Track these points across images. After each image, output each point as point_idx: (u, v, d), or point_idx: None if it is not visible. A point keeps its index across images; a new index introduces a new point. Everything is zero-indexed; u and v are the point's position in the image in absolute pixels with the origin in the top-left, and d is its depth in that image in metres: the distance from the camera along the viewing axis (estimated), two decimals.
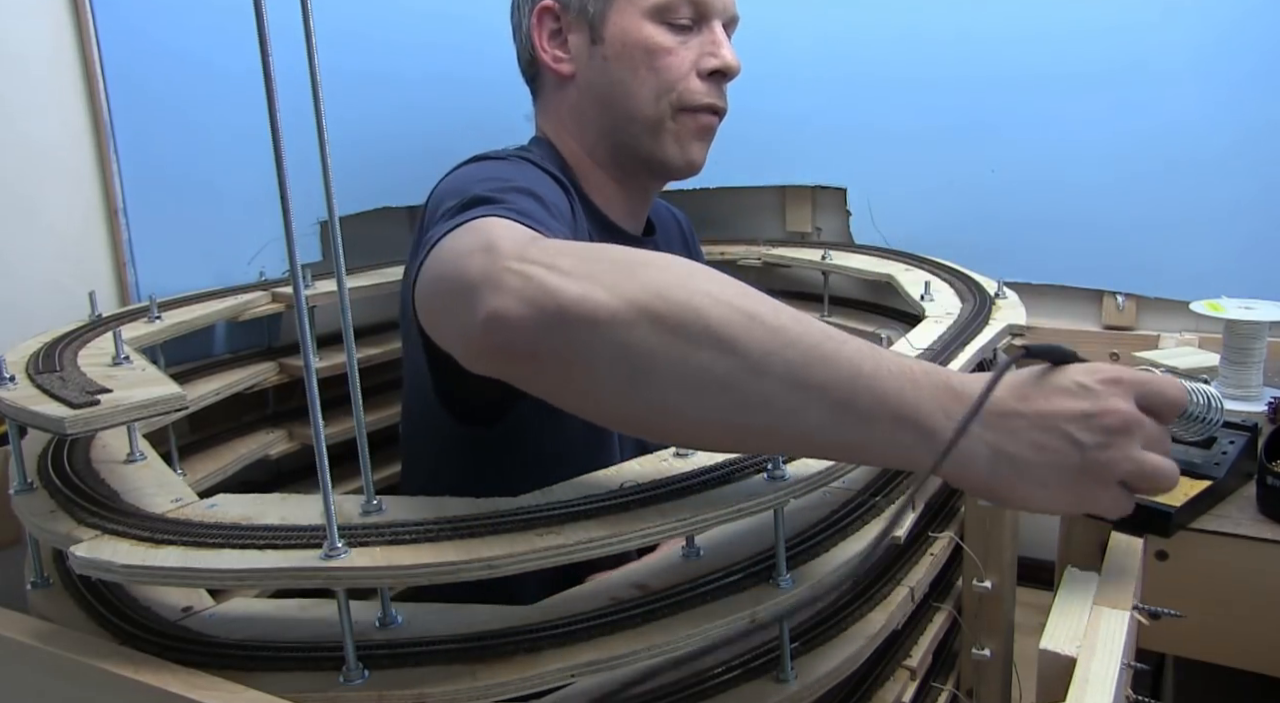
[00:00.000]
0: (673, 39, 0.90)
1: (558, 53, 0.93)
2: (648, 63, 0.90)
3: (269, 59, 0.46)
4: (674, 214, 1.15)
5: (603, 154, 0.95)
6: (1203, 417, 0.80)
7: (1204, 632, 0.75)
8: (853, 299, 1.38)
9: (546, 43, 0.93)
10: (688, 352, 0.49)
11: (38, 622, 0.63)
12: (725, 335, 0.50)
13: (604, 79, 0.91)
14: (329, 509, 0.52)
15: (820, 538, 0.66)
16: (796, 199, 1.47)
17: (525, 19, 0.94)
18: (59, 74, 1.03)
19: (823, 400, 0.51)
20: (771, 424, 0.51)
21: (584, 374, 0.51)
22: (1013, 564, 0.90)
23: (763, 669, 0.63)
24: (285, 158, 0.46)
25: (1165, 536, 0.75)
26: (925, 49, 1.32)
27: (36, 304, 1.00)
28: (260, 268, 1.22)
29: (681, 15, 0.90)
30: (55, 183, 1.04)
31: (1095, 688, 0.54)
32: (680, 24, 0.90)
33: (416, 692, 0.53)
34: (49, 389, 0.70)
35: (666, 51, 0.89)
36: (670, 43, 0.90)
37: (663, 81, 0.90)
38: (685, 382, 0.50)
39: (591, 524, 0.56)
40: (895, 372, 0.52)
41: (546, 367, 0.52)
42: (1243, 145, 1.19)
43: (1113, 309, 1.29)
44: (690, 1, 0.90)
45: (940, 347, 0.89)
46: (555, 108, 0.96)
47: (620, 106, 0.92)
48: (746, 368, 0.50)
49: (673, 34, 0.90)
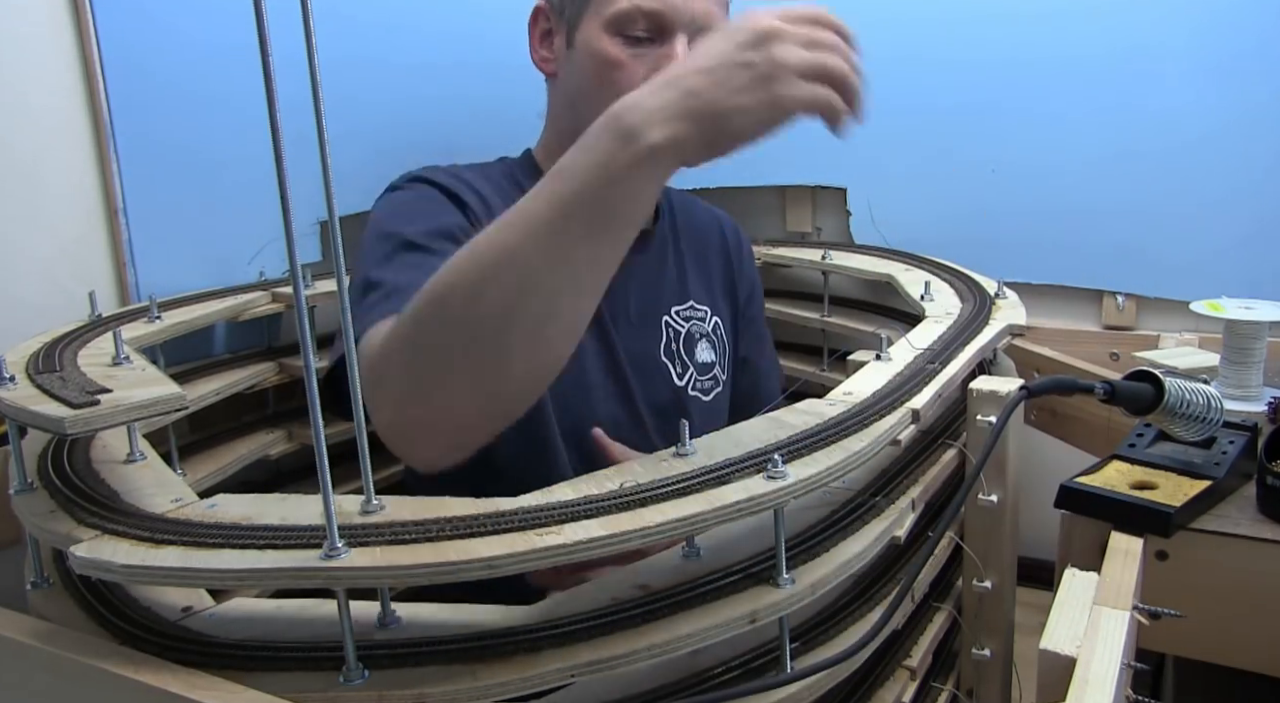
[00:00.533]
0: (626, 52, 0.89)
1: (544, 53, 0.97)
2: (601, 75, 0.90)
3: (269, 59, 0.46)
4: (718, 218, 1.14)
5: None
6: (1203, 417, 0.80)
7: (1204, 632, 0.75)
8: (853, 299, 1.38)
9: (538, 42, 0.97)
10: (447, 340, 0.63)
11: (38, 622, 0.63)
12: (444, 309, 0.63)
13: (572, 84, 0.94)
14: (329, 509, 0.52)
15: (820, 538, 0.66)
16: (796, 199, 1.47)
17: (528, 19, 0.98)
18: (59, 73, 1.03)
19: (547, 227, 0.61)
20: (537, 286, 0.61)
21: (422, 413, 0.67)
22: (1013, 564, 0.90)
23: (763, 669, 0.63)
24: (285, 158, 0.46)
25: (1165, 536, 0.75)
26: (925, 49, 1.32)
27: (36, 304, 1.00)
28: (260, 268, 1.22)
29: (638, 28, 0.89)
30: (55, 183, 1.04)
31: (1095, 688, 0.54)
32: (637, 36, 0.89)
33: (416, 692, 0.53)
34: (49, 389, 0.70)
35: (616, 65, 0.89)
36: (622, 56, 0.89)
37: (612, 96, 0.87)
38: (464, 350, 0.63)
39: (591, 524, 0.56)
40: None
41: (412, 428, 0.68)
42: (1244, 145, 1.19)
43: (1113, 309, 1.29)
44: (646, 14, 0.88)
45: (940, 346, 0.89)
46: (550, 104, 1.01)
47: (580, 113, 0.91)
48: (471, 291, 0.62)
49: (628, 47, 0.89)
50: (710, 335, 1.06)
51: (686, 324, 1.03)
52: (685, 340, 1.03)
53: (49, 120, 1.03)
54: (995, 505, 0.86)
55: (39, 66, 1.02)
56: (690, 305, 1.05)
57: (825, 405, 0.73)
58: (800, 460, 0.63)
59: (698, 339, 1.04)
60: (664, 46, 0.89)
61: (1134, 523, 0.75)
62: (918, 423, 0.74)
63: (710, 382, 1.05)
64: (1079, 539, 0.78)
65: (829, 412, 0.71)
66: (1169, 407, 0.78)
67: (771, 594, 0.60)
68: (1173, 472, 0.81)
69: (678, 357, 1.02)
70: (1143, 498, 0.76)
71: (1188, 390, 0.79)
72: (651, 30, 0.89)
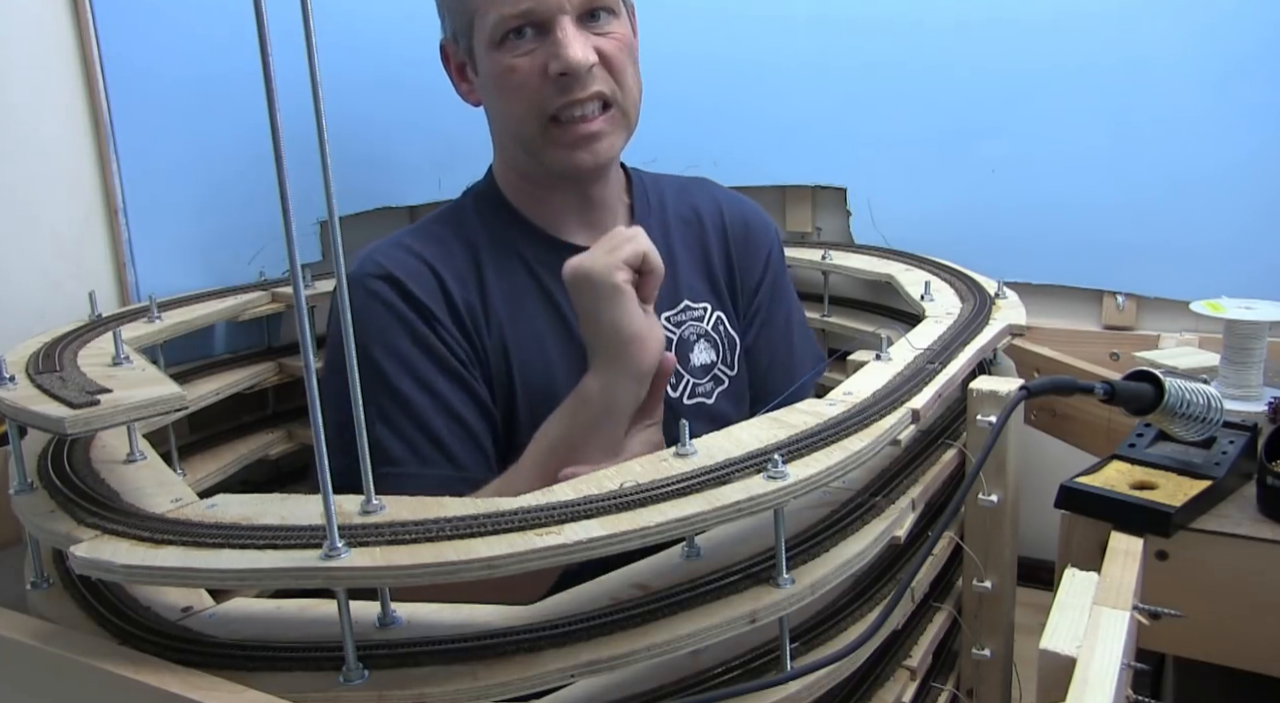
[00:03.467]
0: (514, 57, 0.89)
1: (464, 87, 0.98)
2: (503, 88, 0.91)
3: (269, 59, 0.46)
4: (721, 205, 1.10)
5: (522, 167, 0.97)
6: (1203, 417, 0.80)
7: (1204, 632, 0.75)
8: (853, 299, 1.38)
9: (457, 78, 0.98)
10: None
11: (38, 622, 0.63)
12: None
13: (492, 108, 0.96)
14: (329, 509, 0.52)
15: (820, 538, 0.66)
16: (796, 199, 1.47)
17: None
18: (59, 74, 1.03)
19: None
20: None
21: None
22: (1013, 564, 0.90)
23: (763, 669, 0.63)
24: (285, 158, 0.46)
25: (1165, 535, 0.75)
26: (925, 49, 1.32)
27: (36, 304, 1.00)
28: (260, 268, 1.22)
29: (520, 34, 0.89)
30: (55, 183, 1.04)
31: (1095, 688, 0.54)
32: (521, 42, 0.89)
33: (416, 692, 0.53)
34: (49, 389, 0.70)
35: (510, 71, 0.89)
36: (513, 62, 0.89)
37: (523, 100, 0.90)
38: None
39: (591, 524, 0.56)
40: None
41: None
42: (1244, 145, 1.19)
43: (1113, 309, 1.29)
44: (520, 16, 0.88)
45: (940, 346, 0.89)
46: (490, 131, 1.00)
47: (508, 131, 0.95)
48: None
49: (515, 53, 0.89)
50: (710, 333, 1.03)
51: (679, 329, 1.01)
52: (679, 347, 1.00)
53: (49, 121, 1.03)
54: (995, 505, 0.86)
55: (39, 67, 1.02)
56: (684, 306, 1.02)
57: (825, 405, 0.73)
58: (800, 460, 0.63)
59: (693, 342, 1.02)
60: (550, 37, 0.89)
61: (1134, 523, 0.75)
62: (918, 423, 0.74)
63: (710, 383, 1.02)
64: (1079, 539, 0.78)
65: (829, 412, 0.71)
66: (1169, 407, 0.78)
67: (771, 594, 0.60)
68: (1173, 472, 0.81)
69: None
70: (1143, 498, 0.76)
71: (1188, 390, 0.79)
72: (534, 28, 0.89)
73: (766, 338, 1.09)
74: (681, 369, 1.00)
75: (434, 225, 0.98)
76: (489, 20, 0.89)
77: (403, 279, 0.89)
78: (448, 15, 0.96)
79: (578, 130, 0.91)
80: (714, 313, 1.04)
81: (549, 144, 0.92)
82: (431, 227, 0.98)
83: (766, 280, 1.10)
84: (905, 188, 1.39)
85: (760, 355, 1.08)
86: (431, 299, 0.90)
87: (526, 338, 0.93)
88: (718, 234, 1.08)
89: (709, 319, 1.04)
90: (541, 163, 0.94)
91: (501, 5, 0.88)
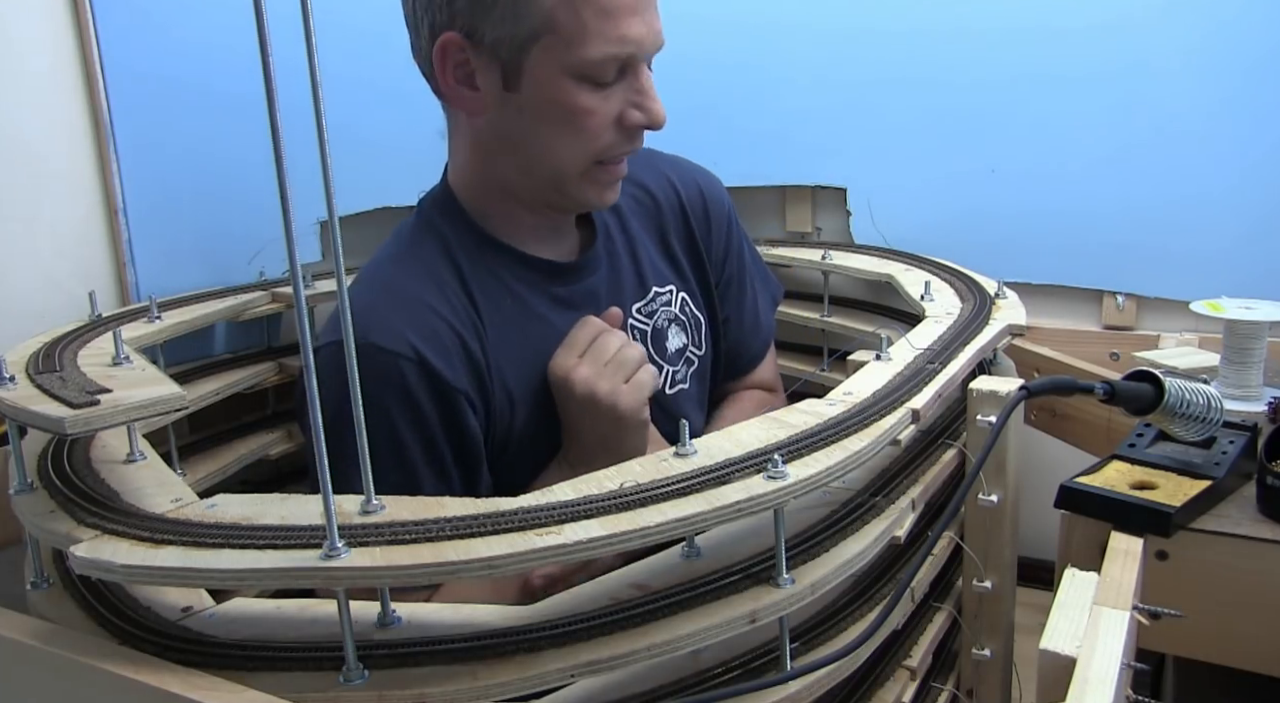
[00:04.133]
0: (595, 98, 0.82)
1: (465, 91, 0.85)
2: (569, 123, 0.83)
3: (269, 59, 0.46)
4: (671, 180, 1.05)
5: (514, 189, 0.90)
6: (1203, 417, 0.80)
7: (1204, 632, 0.75)
8: (853, 299, 1.38)
9: (451, 77, 0.84)
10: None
11: (38, 622, 0.63)
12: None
13: (517, 129, 0.85)
14: (329, 509, 0.52)
15: (820, 538, 0.66)
16: (796, 199, 1.47)
17: (425, 41, 0.85)
18: (59, 74, 1.03)
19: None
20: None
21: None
22: (1013, 564, 0.90)
23: (763, 669, 0.63)
24: (285, 158, 0.46)
25: (1165, 535, 0.75)
26: (925, 48, 1.32)
27: (36, 304, 1.00)
28: (260, 268, 1.22)
29: (609, 73, 0.82)
30: (55, 183, 1.04)
31: (1095, 688, 0.54)
32: (606, 83, 0.83)
33: (416, 692, 0.53)
34: (49, 389, 0.70)
35: (589, 113, 0.83)
36: (593, 103, 0.82)
37: (585, 142, 0.84)
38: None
39: (591, 524, 0.56)
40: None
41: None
42: (1244, 144, 1.19)
43: (1113, 309, 1.29)
44: (616, 58, 0.82)
45: (940, 346, 0.89)
46: (462, 140, 0.91)
47: (538, 160, 0.86)
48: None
49: (596, 92, 0.82)
50: (678, 317, 1.01)
51: (650, 320, 0.98)
52: (654, 337, 0.98)
53: (49, 120, 1.03)
54: (995, 505, 0.86)
55: (39, 67, 1.02)
56: (652, 295, 0.99)
57: (825, 405, 0.73)
58: (800, 460, 0.63)
59: (665, 328, 0.99)
60: (631, 80, 0.84)
61: (1134, 523, 0.75)
62: (918, 423, 0.74)
63: (683, 367, 1.01)
64: (1079, 539, 0.78)
65: (829, 412, 0.71)
66: (1169, 407, 0.78)
67: (771, 594, 0.60)
68: (1173, 472, 0.81)
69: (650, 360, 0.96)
70: (1143, 498, 0.76)
71: (1188, 390, 0.79)
72: (618, 72, 0.83)
73: (738, 304, 1.09)
74: (661, 360, 0.99)
75: (421, 258, 0.89)
76: (586, 52, 0.80)
77: (431, 360, 0.81)
78: (475, 10, 0.81)
79: (616, 171, 0.89)
80: (679, 294, 1.02)
81: (587, 182, 0.87)
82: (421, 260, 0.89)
83: (733, 249, 1.08)
84: (905, 188, 1.39)
85: (733, 324, 1.08)
86: (456, 375, 0.83)
87: (519, 365, 0.89)
88: (674, 212, 1.04)
89: (675, 302, 1.01)
90: (566, 196, 0.89)
91: (609, 43, 0.80)
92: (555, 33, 0.80)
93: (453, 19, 0.81)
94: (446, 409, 0.82)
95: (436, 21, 0.83)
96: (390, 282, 0.87)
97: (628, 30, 0.81)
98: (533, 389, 0.89)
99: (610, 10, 0.80)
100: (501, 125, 0.86)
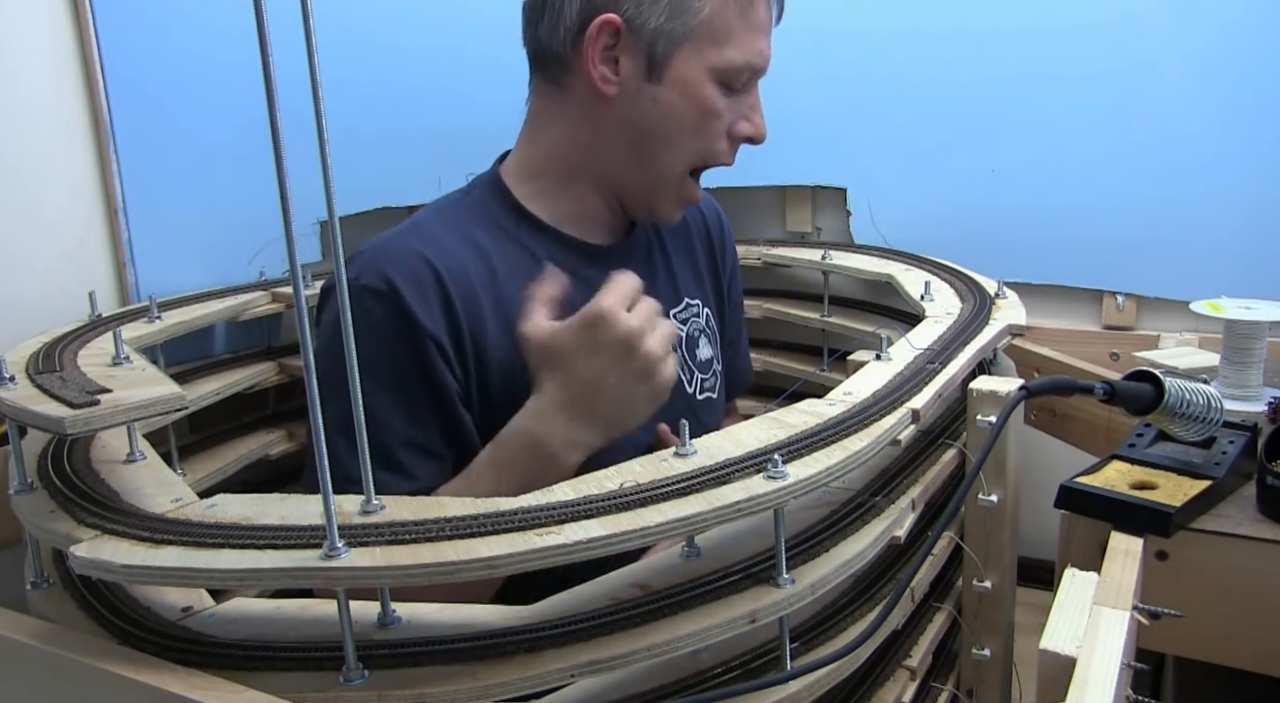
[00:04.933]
0: (724, 102, 0.89)
1: (606, 71, 0.86)
2: (697, 120, 0.88)
3: (269, 59, 0.46)
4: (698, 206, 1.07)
5: (600, 176, 0.92)
6: (1203, 417, 0.80)
7: (1204, 632, 0.75)
8: (853, 299, 1.38)
9: (598, 57, 0.86)
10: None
11: (38, 622, 0.63)
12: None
13: (646, 119, 0.88)
14: (329, 509, 0.52)
15: (820, 538, 0.66)
16: (796, 199, 1.47)
17: (572, 16, 0.86)
18: (59, 74, 1.03)
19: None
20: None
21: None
22: (1013, 564, 0.90)
23: (763, 669, 0.63)
24: (285, 158, 0.46)
25: (1165, 535, 0.75)
26: (925, 48, 1.32)
27: (36, 304, 1.00)
28: (260, 268, 1.22)
29: (740, 80, 0.89)
30: (55, 183, 1.04)
31: (1095, 688, 0.54)
32: (736, 89, 0.89)
33: (416, 692, 0.53)
34: (49, 389, 0.70)
35: (717, 115, 0.88)
36: (722, 106, 0.88)
37: (702, 140, 0.90)
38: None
39: (591, 524, 0.56)
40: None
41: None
42: (1243, 144, 1.19)
43: (1113, 309, 1.29)
44: (752, 68, 0.89)
45: (940, 346, 0.89)
46: (571, 116, 0.91)
47: (652, 151, 0.89)
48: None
49: (726, 96, 0.89)
50: (706, 330, 1.04)
51: (685, 326, 1.01)
52: (688, 343, 1.01)
53: (49, 121, 1.03)
54: (995, 505, 0.86)
55: (39, 67, 1.01)
56: (685, 304, 1.03)
57: (825, 405, 0.73)
58: (800, 460, 0.63)
59: (697, 338, 1.02)
60: (746, 94, 0.91)
61: (1134, 523, 0.75)
62: (918, 423, 0.74)
63: (712, 378, 1.03)
64: (1079, 539, 0.78)
65: (829, 412, 0.71)
66: (1169, 407, 0.78)
67: (771, 594, 0.60)
68: (1173, 472, 0.81)
69: (684, 364, 0.99)
70: (1143, 498, 0.76)
71: (1188, 390, 0.79)
72: (747, 81, 0.90)
73: (737, 328, 1.15)
74: (692, 365, 1.01)
75: (444, 218, 0.91)
76: (732, 57, 0.87)
77: (404, 294, 0.82)
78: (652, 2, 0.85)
79: (696, 191, 0.93)
80: (704, 309, 1.05)
81: (674, 192, 0.92)
82: (444, 218, 0.91)
83: (737, 273, 1.15)
84: (905, 188, 1.39)
85: (730, 346, 1.12)
86: (429, 314, 0.83)
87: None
88: (699, 230, 1.09)
89: (702, 315, 1.05)
90: (653, 197, 0.92)
91: (750, 53, 0.88)
92: (709, 34, 0.86)
93: (618, 2, 0.85)
94: (415, 348, 0.82)
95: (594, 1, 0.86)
96: (400, 236, 0.88)
97: (763, 45, 0.90)
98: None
99: (756, 25, 0.89)
100: (630, 111, 0.88)
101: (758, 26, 0.89)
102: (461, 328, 0.84)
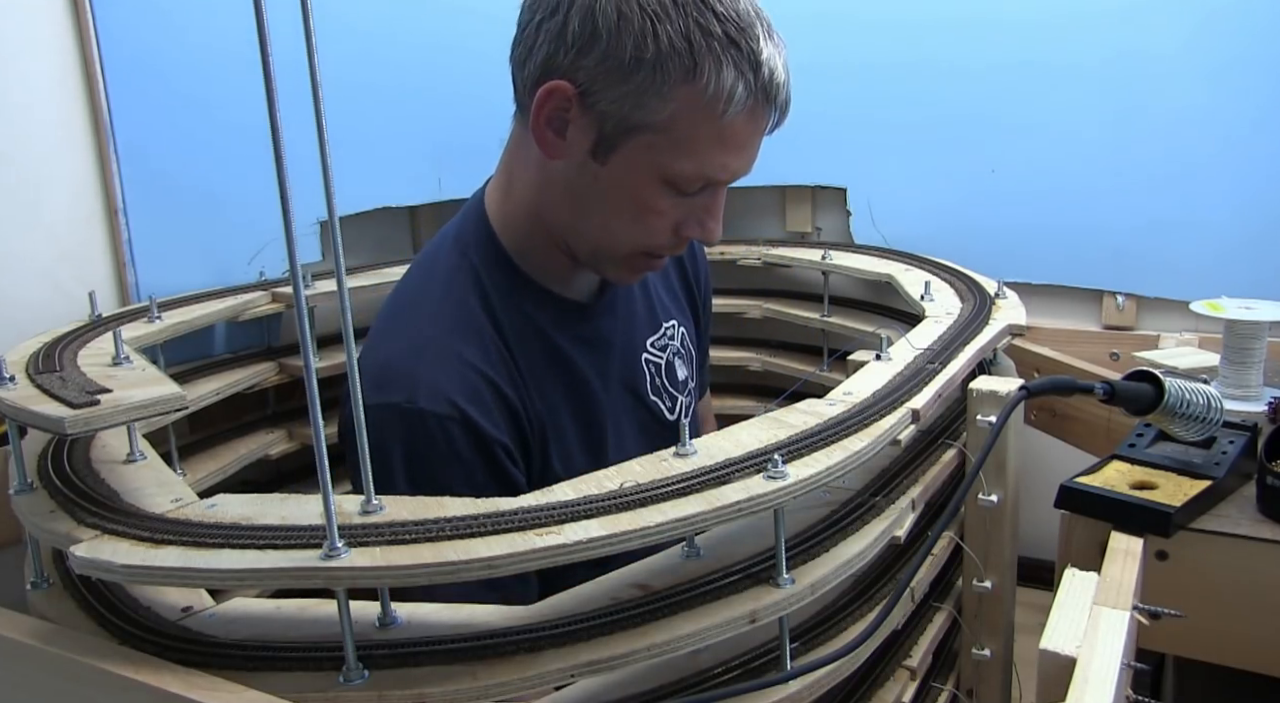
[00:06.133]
0: (669, 203, 0.82)
1: (552, 136, 0.80)
2: (634, 216, 0.82)
3: (269, 59, 0.46)
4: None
5: (559, 233, 0.88)
6: (1203, 417, 0.80)
7: (1204, 632, 0.75)
8: (853, 299, 1.38)
9: (545, 119, 0.80)
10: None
11: (38, 622, 0.63)
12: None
13: (585, 194, 0.83)
14: (329, 509, 0.52)
15: (820, 538, 0.66)
16: (796, 199, 1.47)
17: (534, 67, 0.80)
18: (59, 74, 1.03)
19: None
20: None
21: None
22: (1013, 564, 0.90)
23: (763, 669, 0.63)
24: (285, 158, 0.46)
25: (1165, 536, 0.75)
26: (925, 48, 1.33)
27: (36, 304, 1.00)
28: (260, 268, 1.22)
29: (693, 188, 0.82)
30: (55, 183, 1.04)
31: (1095, 688, 0.54)
32: (685, 193, 0.82)
33: (416, 692, 0.53)
34: (49, 389, 0.70)
35: (658, 214, 0.82)
36: (665, 206, 0.82)
37: (638, 233, 0.84)
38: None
39: (591, 524, 0.56)
40: None
41: None
42: (1244, 145, 1.19)
43: (1113, 309, 1.29)
44: (708, 179, 0.81)
45: (940, 346, 0.89)
46: (526, 166, 0.87)
47: (587, 225, 0.85)
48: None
49: (672, 198, 0.82)
50: (681, 351, 1.03)
51: (664, 353, 0.99)
52: (666, 370, 0.99)
53: (49, 121, 1.03)
54: (995, 505, 0.86)
55: (39, 67, 1.01)
56: (663, 330, 1.00)
57: (825, 405, 0.73)
58: (800, 460, 0.63)
59: (674, 360, 1.01)
60: (704, 197, 0.83)
61: (1134, 523, 0.75)
62: (918, 423, 0.74)
63: (689, 398, 1.03)
64: (1079, 539, 0.78)
65: (829, 412, 0.71)
66: (1169, 407, 0.78)
67: (771, 594, 0.60)
68: (1173, 472, 0.81)
69: (664, 391, 0.98)
70: (1143, 498, 0.77)
71: (1188, 390, 0.79)
72: (702, 187, 0.83)
73: (706, 335, 1.14)
74: (675, 390, 1.00)
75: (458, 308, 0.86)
76: (684, 166, 0.79)
77: (472, 415, 0.79)
78: (602, 76, 0.77)
79: (653, 264, 0.89)
80: (680, 328, 1.04)
81: (621, 265, 0.88)
82: (458, 309, 0.86)
83: (709, 287, 1.13)
84: (905, 188, 1.39)
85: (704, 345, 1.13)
86: (493, 424, 0.81)
87: (550, 403, 0.88)
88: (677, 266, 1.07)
89: (678, 336, 1.03)
90: (597, 266, 0.89)
91: (709, 166, 0.80)
92: (667, 134, 0.78)
93: (574, 70, 0.77)
94: (492, 462, 0.81)
95: (557, 62, 0.78)
96: (432, 340, 0.83)
97: (731, 161, 0.81)
98: (560, 428, 0.88)
99: (726, 140, 0.79)
100: (573, 180, 0.83)
101: (730, 142, 0.80)
102: (521, 421, 0.84)
